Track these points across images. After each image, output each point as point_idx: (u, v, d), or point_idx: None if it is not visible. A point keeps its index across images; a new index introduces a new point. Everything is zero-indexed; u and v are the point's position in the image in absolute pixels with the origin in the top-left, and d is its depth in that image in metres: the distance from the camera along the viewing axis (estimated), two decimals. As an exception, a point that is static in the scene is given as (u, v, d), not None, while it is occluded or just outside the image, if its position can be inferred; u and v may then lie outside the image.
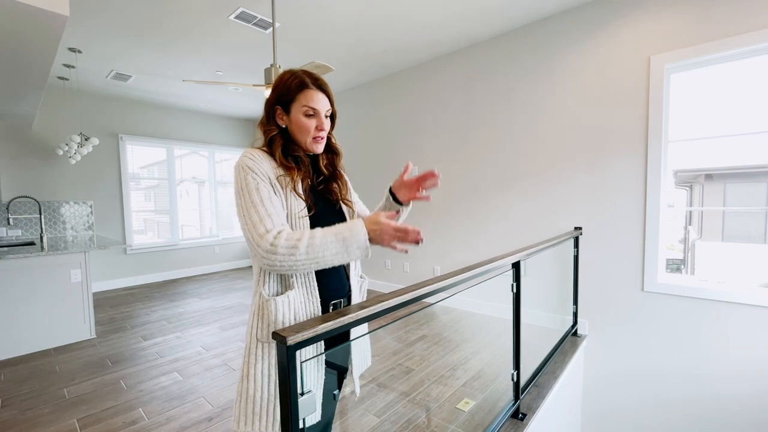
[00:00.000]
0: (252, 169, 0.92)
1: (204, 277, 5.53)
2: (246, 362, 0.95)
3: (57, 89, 4.29)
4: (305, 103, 0.98)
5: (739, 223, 4.28)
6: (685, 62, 2.40)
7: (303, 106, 0.98)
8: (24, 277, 2.80)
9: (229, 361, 2.64)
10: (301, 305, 0.95)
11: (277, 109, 1.01)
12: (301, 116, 0.98)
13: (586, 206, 2.85)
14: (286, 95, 0.99)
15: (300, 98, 0.98)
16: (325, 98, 1.00)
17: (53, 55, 2.10)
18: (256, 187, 0.90)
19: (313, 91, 0.98)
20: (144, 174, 5.37)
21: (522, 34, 3.14)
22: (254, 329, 0.95)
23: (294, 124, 1.00)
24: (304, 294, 0.96)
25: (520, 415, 1.87)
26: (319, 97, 0.99)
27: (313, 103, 0.98)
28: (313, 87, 0.98)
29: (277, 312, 0.91)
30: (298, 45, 3.36)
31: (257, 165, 0.93)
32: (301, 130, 0.99)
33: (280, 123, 1.02)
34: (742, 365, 2.31)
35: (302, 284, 0.96)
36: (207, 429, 1.87)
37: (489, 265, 1.50)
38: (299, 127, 0.99)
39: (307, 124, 0.98)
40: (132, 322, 3.53)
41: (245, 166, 0.92)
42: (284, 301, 0.92)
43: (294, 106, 0.99)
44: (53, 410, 2.05)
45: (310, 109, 0.98)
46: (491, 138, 3.40)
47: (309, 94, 0.98)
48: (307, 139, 1.00)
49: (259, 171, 0.92)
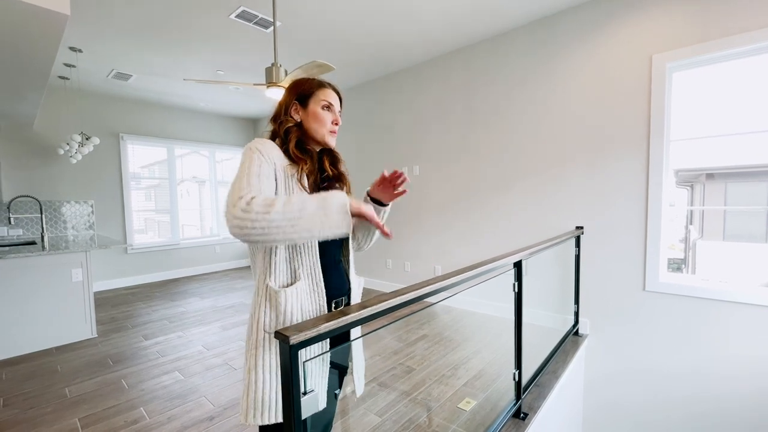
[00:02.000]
0: (260, 151, 0.94)
1: (205, 277, 5.54)
2: (252, 354, 0.95)
3: (58, 89, 4.29)
4: (324, 97, 1.06)
5: (740, 223, 4.28)
6: (686, 61, 2.40)
7: (322, 100, 1.06)
8: (25, 277, 2.81)
9: (230, 360, 2.64)
10: (307, 297, 0.96)
11: (294, 104, 1.06)
12: (319, 108, 1.05)
13: (588, 205, 2.84)
14: (306, 91, 1.06)
15: (318, 93, 1.06)
16: (338, 100, 1.10)
17: (54, 55, 2.09)
18: (259, 164, 0.91)
19: (330, 90, 1.08)
20: (145, 173, 5.37)
21: (523, 33, 3.13)
22: (261, 321, 0.95)
23: (311, 116, 1.05)
24: (310, 286, 0.97)
25: (521, 415, 1.87)
26: (334, 96, 1.09)
27: (331, 99, 1.07)
28: (330, 88, 1.09)
29: (286, 303, 0.93)
30: (298, 44, 3.36)
31: (266, 149, 0.96)
32: (319, 122, 1.05)
33: (296, 117, 1.06)
34: (743, 364, 2.31)
35: (308, 275, 0.97)
36: (208, 428, 1.87)
37: (490, 265, 1.50)
38: (317, 118, 1.05)
39: (324, 116, 1.05)
40: (133, 321, 3.54)
41: (254, 147, 0.95)
42: (293, 293, 0.94)
43: (312, 100, 1.06)
44: (55, 409, 2.05)
45: (327, 102, 1.06)
46: (492, 137, 3.39)
47: (327, 91, 1.07)
48: (324, 131, 1.05)
49: (267, 155, 0.95)
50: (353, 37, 3.26)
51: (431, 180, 3.91)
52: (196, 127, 5.77)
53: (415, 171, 4.05)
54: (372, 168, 4.49)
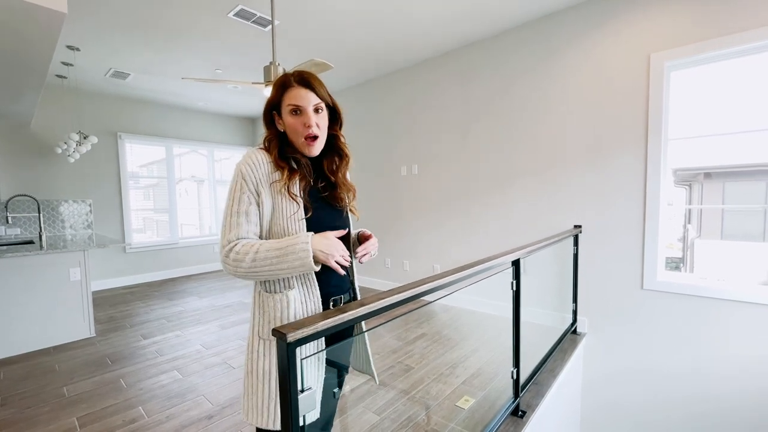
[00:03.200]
0: (244, 176, 0.94)
1: (203, 276, 5.53)
2: (249, 358, 0.98)
3: (55, 87, 4.28)
4: (288, 101, 0.97)
5: (738, 222, 4.29)
6: (684, 60, 2.40)
7: (288, 105, 0.97)
8: (23, 276, 2.80)
9: (228, 359, 2.64)
10: (301, 304, 0.96)
11: (274, 114, 1.01)
12: (288, 116, 0.97)
13: (586, 204, 2.85)
14: (275, 98, 1.00)
15: (285, 98, 0.98)
16: (309, 92, 0.97)
17: (51, 53, 2.09)
18: (239, 197, 0.95)
19: (295, 88, 0.97)
20: (143, 173, 5.36)
21: (521, 32, 3.13)
22: (256, 326, 0.97)
23: (286, 126, 0.99)
24: (304, 292, 0.97)
25: (519, 413, 1.87)
26: (301, 94, 0.96)
27: (296, 100, 0.96)
28: (295, 84, 0.97)
29: (276, 309, 0.93)
30: (297, 43, 3.35)
31: (251, 172, 0.94)
32: (292, 131, 0.99)
33: (279, 127, 1.02)
34: (742, 363, 2.32)
35: (302, 283, 0.96)
36: (207, 427, 1.87)
37: (489, 263, 1.50)
38: (289, 128, 0.99)
39: (293, 124, 0.97)
40: (131, 320, 3.53)
41: (240, 171, 0.96)
42: (282, 299, 0.94)
43: (282, 109, 0.98)
44: (52, 409, 2.04)
45: (293, 107, 0.96)
46: (490, 136, 3.40)
47: (291, 92, 0.97)
48: (299, 141, 0.98)
49: (250, 179, 0.94)
50: (351, 36, 3.26)
51: (430, 179, 3.91)
52: (195, 126, 5.75)
53: (414, 170, 4.05)
54: (371, 168, 4.49)
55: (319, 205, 1.02)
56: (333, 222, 1.04)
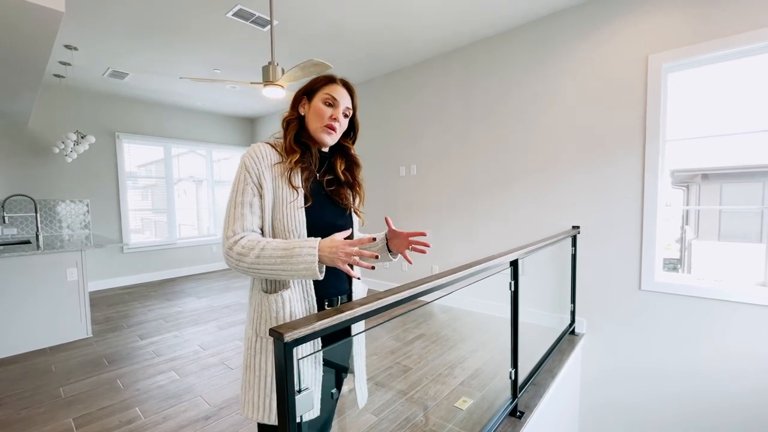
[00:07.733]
0: (248, 168, 0.96)
1: (201, 276, 5.52)
2: (248, 354, 0.99)
3: (53, 87, 4.27)
4: (327, 92, 1.03)
5: (735, 223, 4.30)
6: (682, 61, 2.41)
7: (325, 94, 1.03)
8: (20, 276, 2.78)
9: (226, 360, 2.63)
10: (297, 303, 0.96)
11: (303, 98, 1.06)
12: (320, 103, 1.03)
13: (584, 205, 2.85)
14: (314, 85, 1.05)
15: (324, 89, 1.04)
16: (347, 95, 1.05)
17: (49, 52, 2.08)
18: (243, 188, 0.95)
19: (338, 85, 1.05)
20: (141, 173, 5.35)
21: (520, 32, 3.14)
22: (254, 323, 0.98)
23: (312, 110, 1.04)
24: (300, 292, 0.97)
25: (518, 413, 1.87)
26: (342, 93, 1.04)
27: (335, 94, 1.03)
28: (338, 82, 1.05)
29: (271, 309, 0.94)
30: (296, 42, 3.35)
31: (255, 165, 0.96)
32: (317, 116, 1.03)
33: (301, 111, 1.06)
34: (738, 363, 2.32)
35: (298, 282, 0.97)
36: (204, 428, 1.86)
37: (487, 264, 1.50)
38: (316, 112, 1.03)
39: (322, 110, 1.02)
40: (129, 321, 3.52)
41: (244, 163, 0.97)
42: (277, 299, 0.94)
43: (317, 95, 1.04)
44: (49, 409, 2.03)
45: (330, 97, 1.02)
46: (489, 136, 3.40)
47: (334, 86, 1.04)
48: (318, 125, 1.02)
49: (254, 171, 0.95)
50: (350, 36, 3.26)
51: (428, 179, 3.91)
52: (193, 126, 5.74)
53: (413, 170, 4.05)
54: (369, 168, 4.48)
55: (321, 200, 1.03)
56: (334, 219, 1.05)
